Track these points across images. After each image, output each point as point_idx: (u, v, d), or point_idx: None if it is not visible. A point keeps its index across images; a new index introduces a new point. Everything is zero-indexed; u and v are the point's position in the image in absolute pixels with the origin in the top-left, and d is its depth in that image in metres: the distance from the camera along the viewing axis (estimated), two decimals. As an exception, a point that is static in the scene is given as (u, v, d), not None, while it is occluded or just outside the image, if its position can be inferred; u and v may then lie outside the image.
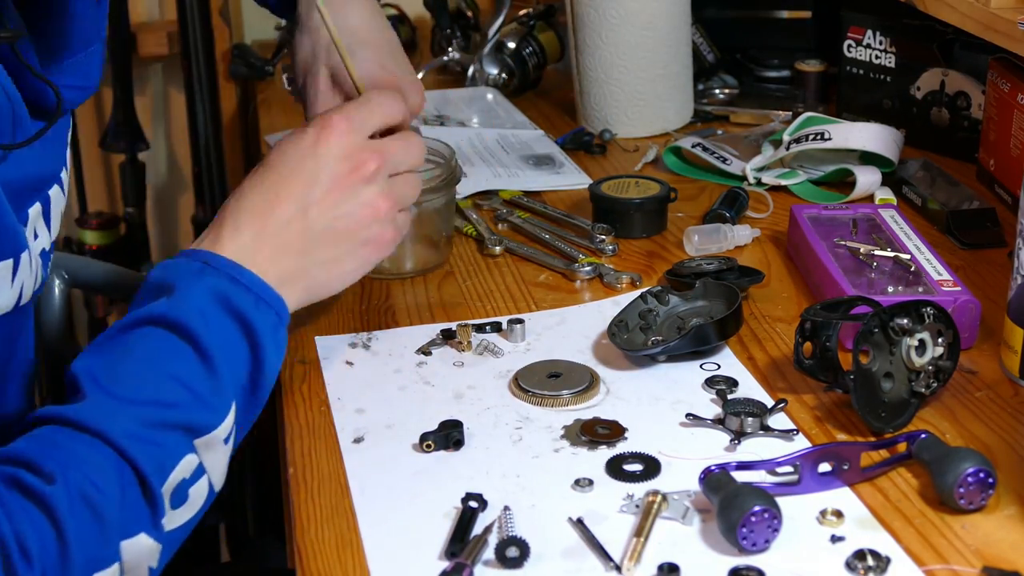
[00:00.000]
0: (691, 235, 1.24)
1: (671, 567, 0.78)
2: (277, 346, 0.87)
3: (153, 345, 0.82)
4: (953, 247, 1.24)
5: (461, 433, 0.92)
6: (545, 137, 1.56)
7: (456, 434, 0.92)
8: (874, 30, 1.51)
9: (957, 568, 0.78)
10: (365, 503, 0.86)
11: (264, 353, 0.85)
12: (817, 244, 1.15)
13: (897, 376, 0.93)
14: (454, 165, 1.19)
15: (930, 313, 0.93)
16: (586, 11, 1.56)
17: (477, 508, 0.84)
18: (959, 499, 0.83)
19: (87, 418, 0.77)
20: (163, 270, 0.87)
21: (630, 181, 1.32)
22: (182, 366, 0.82)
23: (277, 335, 0.87)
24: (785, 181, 1.39)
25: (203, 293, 0.84)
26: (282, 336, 0.88)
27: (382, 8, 1.94)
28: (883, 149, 1.37)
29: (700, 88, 1.68)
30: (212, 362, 0.82)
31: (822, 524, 0.83)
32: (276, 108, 1.78)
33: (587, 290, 1.18)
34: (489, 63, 1.74)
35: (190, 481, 0.79)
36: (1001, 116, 1.32)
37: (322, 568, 0.81)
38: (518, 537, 0.80)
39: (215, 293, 0.85)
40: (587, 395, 0.98)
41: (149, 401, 0.79)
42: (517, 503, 0.85)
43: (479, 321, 1.10)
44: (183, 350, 0.82)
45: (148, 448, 0.77)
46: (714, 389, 0.99)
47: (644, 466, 0.89)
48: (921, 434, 0.89)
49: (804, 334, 0.97)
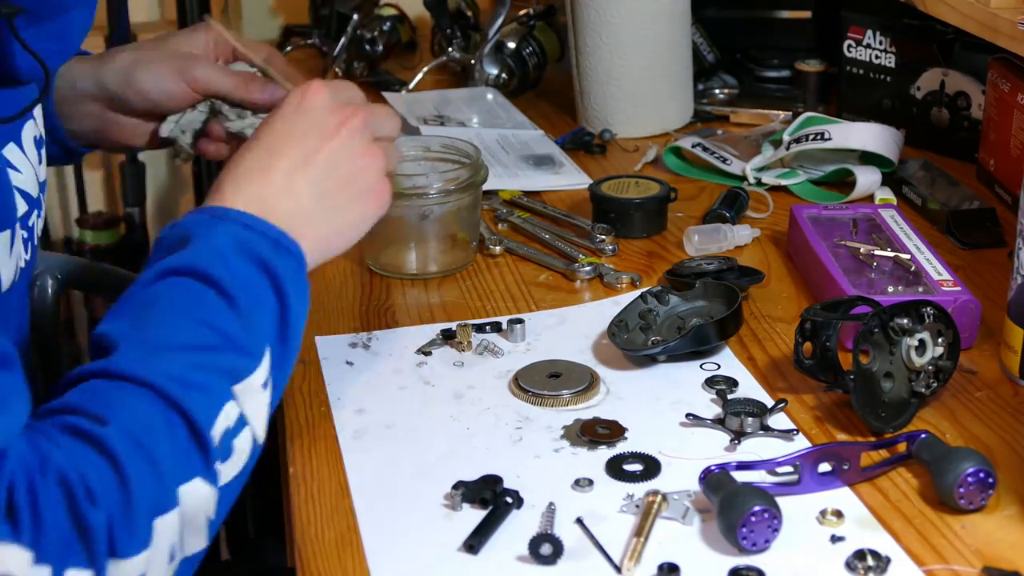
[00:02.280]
0: (691, 235, 1.24)
1: (671, 567, 0.78)
2: (300, 292, 0.86)
3: (179, 294, 0.81)
4: (953, 247, 1.24)
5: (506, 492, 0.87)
6: (545, 137, 1.56)
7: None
8: (874, 30, 1.51)
9: (957, 568, 0.78)
10: (365, 503, 0.86)
11: (289, 299, 0.84)
12: (817, 244, 1.15)
13: (897, 376, 0.93)
14: (480, 164, 1.20)
15: (930, 313, 0.93)
16: (586, 11, 1.56)
17: (512, 504, 0.84)
18: (959, 499, 0.83)
19: (126, 367, 0.76)
20: (174, 228, 0.86)
21: (630, 181, 1.32)
22: (211, 312, 0.81)
23: (299, 280, 0.86)
24: (785, 181, 1.39)
25: (221, 241, 0.84)
26: (303, 282, 0.87)
27: (382, 8, 1.96)
28: (883, 149, 1.37)
29: (700, 88, 1.68)
30: (240, 306, 0.81)
31: (822, 524, 0.83)
32: (276, 108, 1.78)
33: (587, 290, 1.18)
34: (489, 63, 1.74)
35: (233, 431, 0.78)
36: (1001, 116, 1.32)
37: (322, 568, 0.81)
38: (555, 535, 0.80)
39: (233, 240, 0.84)
40: (587, 395, 0.98)
41: (185, 346, 0.79)
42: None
43: (479, 321, 1.10)
44: (209, 296, 0.81)
45: (192, 392, 0.76)
46: (714, 389, 0.99)
47: (644, 466, 0.89)
48: (921, 434, 0.89)
49: (804, 334, 0.97)
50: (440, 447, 0.93)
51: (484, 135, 1.54)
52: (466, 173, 1.18)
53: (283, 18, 2.18)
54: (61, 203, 2.19)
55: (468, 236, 1.22)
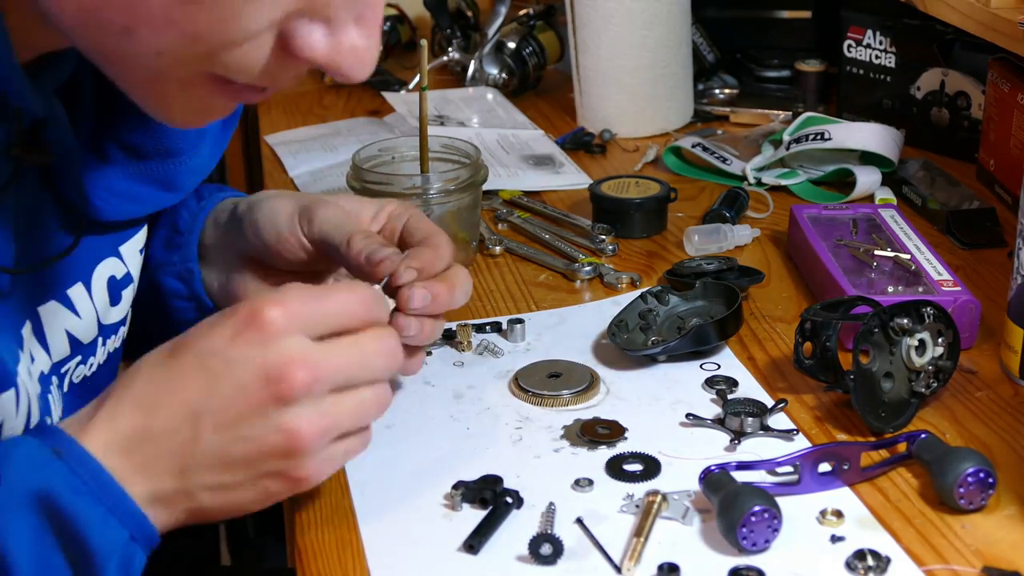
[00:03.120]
0: (691, 235, 1.24)
1: (671, 567, 0.78)
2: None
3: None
4: (953, 247, 1.24)
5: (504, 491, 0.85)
6: (545, 137, 1.56)
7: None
8: (874, 30, 1.51)
9: (957, 568, 0.78)
10: (365, 503, 0.86)
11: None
12: (817, 244, 1.15)
13: (897, 376, 0.93)
14: (480, 164, 1.19)
15: (930, 313, 0.93)
16: (586, 11, 1.56)
17: (512, 504, 0.84)
18: (959, 499, 0.83)
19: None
20: (2, 451, 0.70)
21: (630, 181, 1.32)
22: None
23: (130, 564, 0.71)
24: (785, 181, 1.39)
25: (27, 496, 0.68)
26: (137, 564, 0.71)
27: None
28: (883, 149, 1.37)
29: (700, 88, 1.68)
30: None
31: (822, 524, 0.83)
32: (276, 108, 1.78)
33: (587, 290, 1.18)
34: (489, 63, 1.74)
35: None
36: (1001, 116, 1.32)
37: (322, 568, 0.81)
38: (555, 535, 0.80)
39: (43, 498, 0.68)
40: (587, 395, 0.98)
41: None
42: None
43: (479, 321, 1.10)
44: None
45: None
46: (714, 389, 0.99)
47: (644, 466, 0.89)
48: (921, 434, 0.89)
49: (804, 334, 0.97)
50: (440, 447, 0.92)
51: (484, 135, 1.55)
52: (466, 173, 1.18)
53: (283, 18, 2.17)
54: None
55: (468, 236, 1.22)
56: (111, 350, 0.93)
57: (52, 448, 0.70)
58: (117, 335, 0.93)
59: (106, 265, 0.90)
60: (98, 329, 0.90)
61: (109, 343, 0.92)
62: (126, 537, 0.70)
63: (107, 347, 0.92)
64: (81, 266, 0.87)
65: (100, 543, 0.69)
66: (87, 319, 0.88)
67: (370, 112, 1.72)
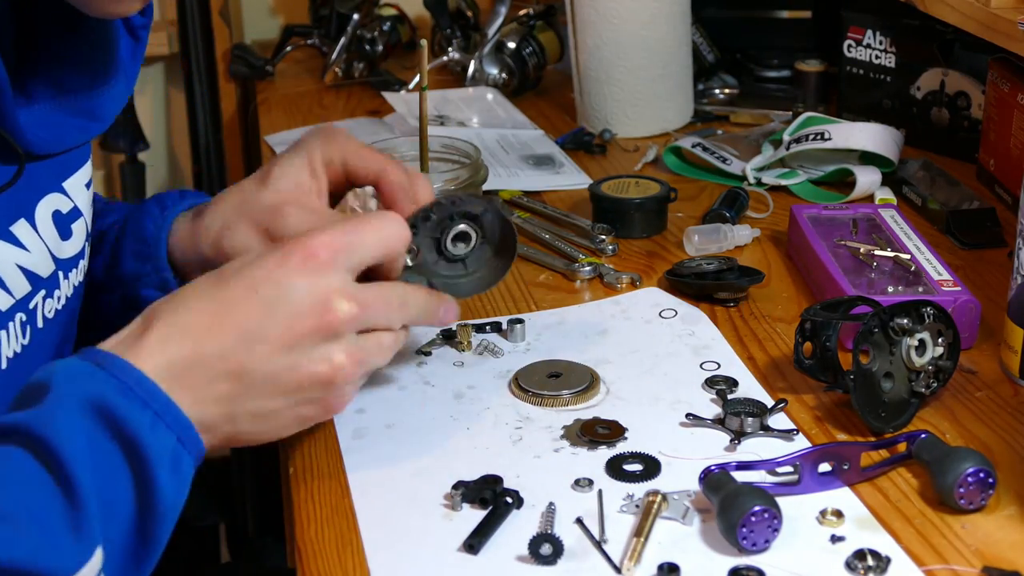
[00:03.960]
0: (691, 235, 1.24)
1: (671, 567, 0.78)
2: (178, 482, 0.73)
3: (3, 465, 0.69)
4: (953, 247, 1.24)
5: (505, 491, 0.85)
6: (545, 137, 1.56)
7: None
8: (874, 30, 1.51)
9: (957, 568, 0.78)
10: (365, 503, 0.86)
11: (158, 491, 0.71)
12: (817, 244, 1.15)
13: (897, 376, 0.93)
14: (480, 164, 1.19)
15: (930, 313, 0.93)
16: (586, 11, 1.56)
17: (512, 504, 0.84)
18: (959, 499, 0.83)
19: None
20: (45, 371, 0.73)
21: (630, 181, 1.32)
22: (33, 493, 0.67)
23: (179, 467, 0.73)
24: (785, 181, 1.39)
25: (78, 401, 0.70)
26: (186, 468, 0.73)
27: (382, 8, 1.96)
28: (883, 149, 1.37)
29: (700, 88, 1.68)
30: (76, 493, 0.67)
31: (822, 524, 0.83)
32: (276, 108, 1.78)
33: (587, 290, 1.18)
34: (489, 63, 1.74)
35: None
36: (1001, 116, 1.32)
37: (322, 568, 0.81)
38: (555, 535, 0.80)
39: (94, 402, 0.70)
40: (587, 395, 0.98)
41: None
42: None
43: (479, 321, 1.10)
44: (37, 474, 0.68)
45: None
46: (714, 389, 0.99)
47: (644, 466, 0.89)
48: (921, 434, 0.89)
49: (804, 334, 0.97)
50: (440, 447, 0.92)
51: (484, 135, 1.55)
52: (466, 173, 1.18)
53: (283, 18, 2.18)
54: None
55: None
56: (75, 283, 0.95)
57: (93, 362, 0.72)
58: (78, 268, 0.95)
59: (49, 200, 0.91)
60: (55, 263, 0.91)
61: (72, 276, 0.94)
62: (174, 440, 0.72)
63: (71, 280, 0.94)
64: (23, 202, 0.88)
65: (152, 444, 0.71)
66: (38, 253, 0.89)
67: (370, 112, 1.72)
